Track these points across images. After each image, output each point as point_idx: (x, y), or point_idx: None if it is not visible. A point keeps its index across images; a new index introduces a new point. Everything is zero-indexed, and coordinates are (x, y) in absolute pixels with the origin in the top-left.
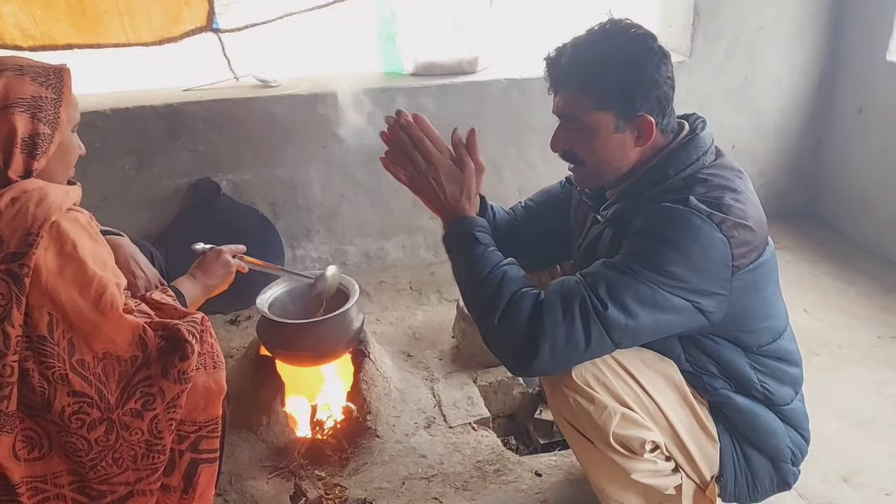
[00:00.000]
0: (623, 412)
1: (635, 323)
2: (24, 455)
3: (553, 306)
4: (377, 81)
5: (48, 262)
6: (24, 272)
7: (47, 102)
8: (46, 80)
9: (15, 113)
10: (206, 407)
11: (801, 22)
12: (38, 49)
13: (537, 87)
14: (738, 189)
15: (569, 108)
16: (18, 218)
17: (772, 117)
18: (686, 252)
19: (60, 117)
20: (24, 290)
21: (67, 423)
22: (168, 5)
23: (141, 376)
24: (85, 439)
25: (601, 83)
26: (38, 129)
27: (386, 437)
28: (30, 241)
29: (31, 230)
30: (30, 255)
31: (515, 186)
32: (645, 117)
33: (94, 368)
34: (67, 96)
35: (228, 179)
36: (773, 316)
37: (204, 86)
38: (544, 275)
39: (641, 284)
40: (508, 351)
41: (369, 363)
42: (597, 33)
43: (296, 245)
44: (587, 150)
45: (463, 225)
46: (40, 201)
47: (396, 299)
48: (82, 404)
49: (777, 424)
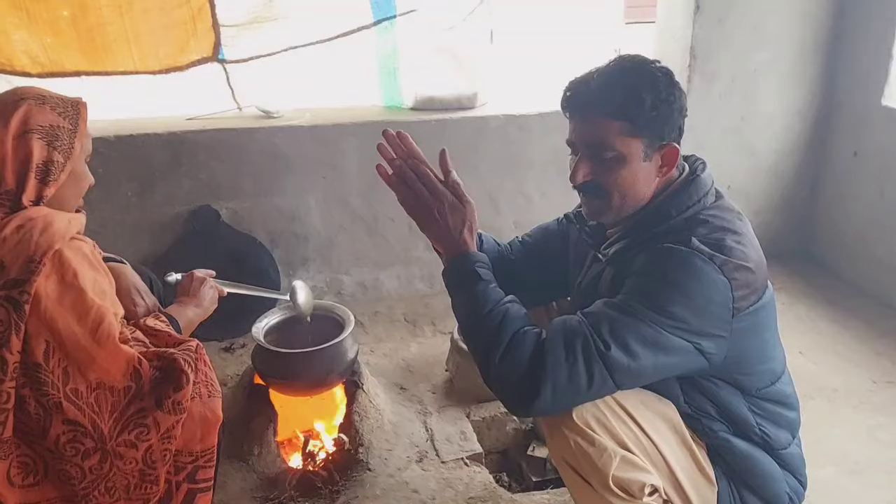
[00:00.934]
0: (623, 455)
1: (637, 364)
2: (18, 481)
3: (555, 346)
4: (377, 115)
5: (49, 289)
6: (25, 299)
7: (64, 132)
8: (65, 111)
9: (33, 139)
10: (202, 437)
11: (797, 65)
12: (46, 76)
13: (535, 123)
14: (739, 231)
15: (599, 135)
16: (21, 245)
17: (767, 158)
18: (688, 293)
19: (74, 147)
20: (24, 316)
21: (62, 451)
22: (175, 36)
23: (135, 408)
24: (79, 467)
25: (637, 107)
26: (53, 156)
27: (378, 471)
28: (31, 268)
29: (33, 257)
30: (31, 282)
31: (511, 220)
32: (671, 146)
33: (87, 398)
34: (83, 128)
35: (228, 207)
36: (771, 359)
37: (207, 115)
38: (539, 311)
39: (644, 325)
40: (509, 391)
41: (362, 395)
42: (623, 62)
43: (292, 273)
44: (614, 180)
45: (465, 261)
46: (44, 229)
47: (391, 330)
48: (76, 433)
49: (775, 469)
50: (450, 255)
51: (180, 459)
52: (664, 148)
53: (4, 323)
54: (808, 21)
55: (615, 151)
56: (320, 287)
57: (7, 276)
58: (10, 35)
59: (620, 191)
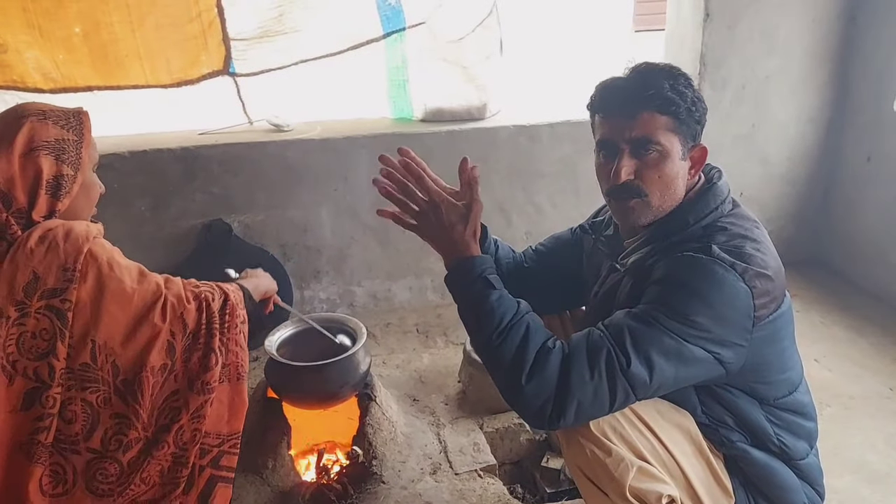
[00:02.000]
0: (640, 465)
1: (658, 377)
2: (49, 490)
3: (579, 363)
4: (387, 127)
5: (89, 290)
6: (67, 307)
7: (70, 144)
8: (67, 122)
9: (40, 156)
10: (230, 419)
11: (808, 71)
12: (58, 91)
13: (546, 133)
14: (758, 239)
15: (645, 130)
16: (50, 254)
17: (779, 164)
18: (710, 302)
19: (82, 158)
20: (68, 324)
21: (107, 447)
22: (186, 49)
23: (168, 389)
24: (118, 463)
25: (680, 102)
26: (62, 170)
27: (391, 483)
28: (68, 276)
29: (66, 265)
30: (70, 290)
31: (523, 231)
32: (701, 146)
33: (132, 386)
34: (88, 137)
35: (240, 221)
36: (789, 368)
37: (219, 129)
38: (553, 319)
39: (665, 336)
40: (534, 410)
41: (375, 407)
42: (651, 64)
43: (304, 286)
44: (656, 177)
45: (472, 266)
46: (67, 235)
47: (403, 342)
48: (122, 425)
49: (793, 480)
50: (450, 258)
51: (207, 442)
52: (695, 148)
53: (49, 332)
54: (819, 27)
55: (660, 146)
56: (333, 299)
57: (45, 287)
58: (23, 53)
59: (661, 189)
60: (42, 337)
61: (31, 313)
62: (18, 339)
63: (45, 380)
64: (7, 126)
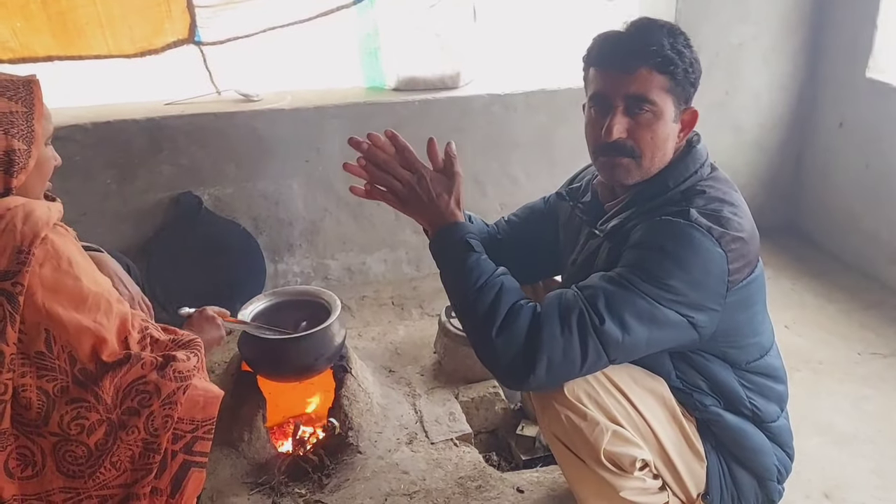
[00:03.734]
0: (614, 429)
1: (631, 338)
2: (17, 472)
3: (551, 320)
4: (359, 96)
5: (43, 278)
6: (18, 290)
7: (19, 117)
8: (16, 93)
9: None
10: (204, 405)
11: (780, 38)
12: (17, 61)
13: (520, 102)
14: (735, 202)
15: (641, 87)
16: (6, 235)
17: (751, 131)
18: (686, 266)
19: (35, 131)
20: (19, 308)
21: (67, 431)
22: (149, 17)
23: (134, 374)
24: (85, 445)
25: (679, 62)
26: (13, 145)
27: (368, 453)
28: (21, 258)
29: (21, 247)
30: (23, 273)
31: (498, 202)
32: (692, 108)
33: (94, 374)
34: (39, 109)
35: (210, 193)
36: (760, 332)
37: (186, 100)
38: (526, 289)
39: (640, 298)
40: (504, 365)
41: (351, 379)
42: (654, 19)
43: (278, 259)
44: (648, 136)
45: (455, 230)
46: (26, 217)
47: (378, 314)
48: (80, 409)
49: (764, 442)
50: (437, 226)
51: (180, 427)
52: (686, 111)
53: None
54: None
55: (655, 106)
56: (307, 273)
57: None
58: None
59: (651, 148)
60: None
61: None
62: None
63: None
64: None
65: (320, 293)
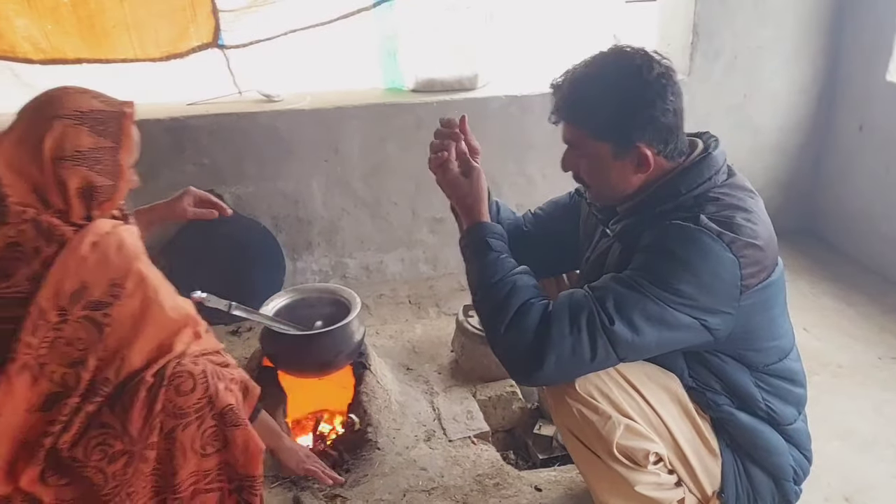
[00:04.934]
0: (627, 423)
1: (641, 339)
2: (53, 482)
3: (561, 318)
4: (378, 97)
5: (132, 309)
6: (107, 321)
7: (105, 153)
8: (106, 129)
9: (70, 167)
10: (245, 464)
11: (800, 41)
12: (48, 62)
13: (537, 103)
14: (750, 209)
15: (569, 136)
16: (101, 266)
17: (770, 135)
18: (695, 271)
19: (121, 165)
20: (105, 338)
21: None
22: (175, 22)
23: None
24: (102, 473)
25: (595, 116)
26: (95, 181)
27: (386, 450)
28: (115, 292)
29: (115, 280)
30: (114, 305)
31: (514, 202)
32: (641, 149)
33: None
34: (127, 143)
35: (232, 192)
36: (780, 336)
37: (209, 100)
38: (549, 282)
39: (649, 301)
40: (514, 359)
41: (370, 375)
42: (594, 64)
43: (297, 258)
44: (590, 175)
45: (479, 230)
46: (119, 248)
47: (396, 312)
48: (106, 436)
49: (780, 442)
50: (466, 223)
51: (230, 472)
52: (634, 149)
53: (84, 342)
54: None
55: (582, 150)
56: (325, 271)
57: (90, 297)
58: (13, 21)
59: (596, 184)
60: (76, 346)
61: (69, 320)
62: (52, 343)
63: (70, 387)
64: (38, 123)
65: (340, 290)
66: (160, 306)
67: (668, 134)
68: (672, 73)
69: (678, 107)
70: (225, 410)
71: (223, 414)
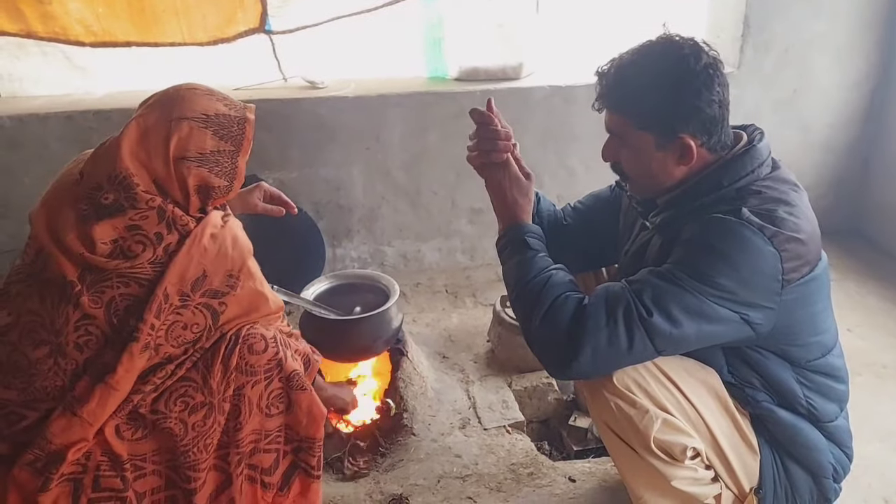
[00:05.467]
0: (665, 417)
1: (679, 332)
2: (128, 436)
3: (597, 310)
4: (421, 86)
5: (241, 299)
6: (223, 310)
7: (225, 156)
8: (228, 132)
9: (192, 167)
10: (307, 425)
11: (854, 35)
12: (98, 45)
13: (581, 94)
14: (793, 202)
15: (613, 125)
16: (220, 258)
17: (820, 132)
18: (735, 264)
19: (238, 167)
20: (219, 324)
21: (172, 408)
22: (222, 6)
23: None
24: (183, 423)
25: (639, 106)
26: (213, 182)
27: (422, 436)
28: (230, 283)
29: (232, 272)
30: (229, 295)
31: (555, 194)
32: (684, 139)
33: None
34: (247, 147)
35: (275, 178)
36: (823, 331)
37: (254, 85)
38: (588, 277)
39: (688, 294)
40: (549, 352)
41: (406, 362)
42: (641, 52)
43: (336, 244)
44: (631, 165)
45: (518, 229)
46: (234, 243)
47: (432, 301)
48: (188, 388)
49: (820, 440)
50: (504, 223)
51: (290, 433)
52: (678, 140)
53: (200, 327)
54: None
55: (626, 141)
56: (364, 258)
57: (210, 286)
58: (66, 4)
59: (637, 175)
60: (192, 330)
61: (190, 305)
62: (170, 326)
63: (173, 359)
64: (165, 121)
65: (379, 277)
66: (266, 298)
67: (713, 126)
68: (719, 64)
69: (724, 98)
70: (292, 375)
71: (290, 378)
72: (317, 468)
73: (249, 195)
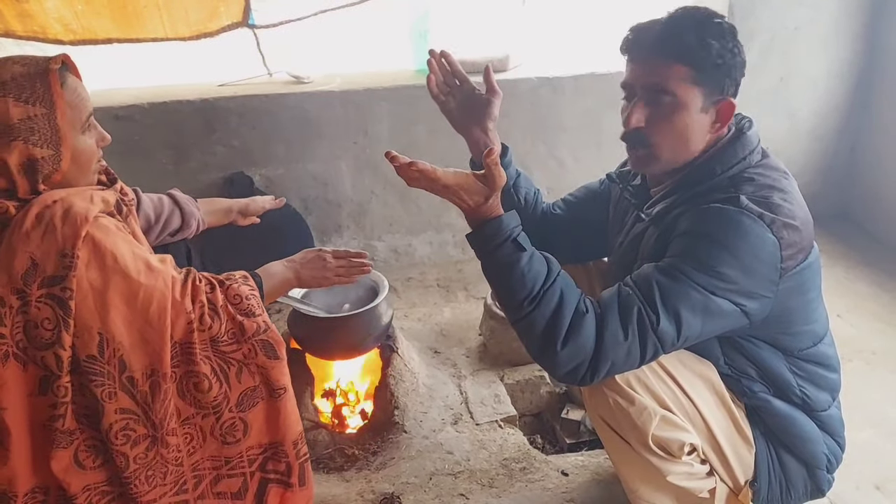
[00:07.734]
0: (663, 414)
1: (685, 332)
2: (89, 464)
3: (613, 324)
4: (408, 79)
5: (92, 280)
6: (68, 295)
7: (39, 121)
8: (32, 94)
9: (3, 144)
10: (267, 431)
11: (839, 23)
12: (78, 43)
13: (569, 85)
14: (786, 189)
15: (660, 78)
16: (48, 238)
17: (807, 119)
18: (736, 253)
19: (60, 130)
20: (70, 312)
21: (112, 440)
22: (205, 1)
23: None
24: (124, 456)
25: (703, 53)
26: (35, 153)
27: (413, 433)
28: (66, 262)
29: (64, 251)
30: (70, 277)
31: (545, 186)
32: (728, 101)
33: (141, 387)
34: (60, 104)
35: (261, 174)
36: (814, 320)
37: (238, 81)
38: (577, 270)
39: (693, 290)
40: (567, 372)
41: (397, 358)
42: (690, 9)
43: (326, 240)
44: (666, 128)
45: (499, 227)
46: (65, 216)
47: (424, 296)
48: (129, 420)
49: (814, 430)
50: (476, 221)
51: (251, 452)
52: (721, 102)
53: (52, 321)
54: None
55: (674, 97)
56: None
57: (44, 274)
58: (43, 3)
59: (671, 141)
60: (45, 326)
61: (31, 302)
62: (25, 327)
63: (54, 370)
64: None
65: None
66: (122, 274)
67: (737, 96)
68: None
69: None
70: (241, 397)
71: (240, 401)
72: (289, 475)
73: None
